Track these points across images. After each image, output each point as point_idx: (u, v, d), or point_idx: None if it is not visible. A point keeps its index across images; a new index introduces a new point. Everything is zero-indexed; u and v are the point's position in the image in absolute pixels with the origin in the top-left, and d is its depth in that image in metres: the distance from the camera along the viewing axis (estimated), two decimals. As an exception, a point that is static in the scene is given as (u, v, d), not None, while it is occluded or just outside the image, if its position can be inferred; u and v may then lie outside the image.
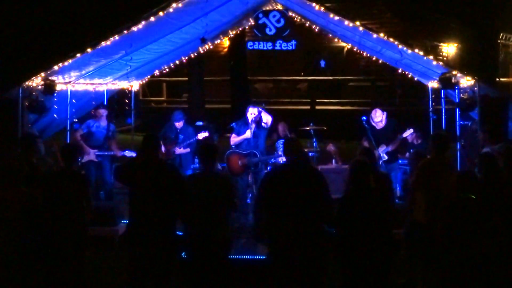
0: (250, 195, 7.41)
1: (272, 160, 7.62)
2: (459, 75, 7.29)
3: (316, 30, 8.80)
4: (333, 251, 4.36)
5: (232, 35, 10.24)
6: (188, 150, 8.08)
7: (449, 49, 17.62)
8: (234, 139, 7.63)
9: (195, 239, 4.58)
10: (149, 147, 4.71)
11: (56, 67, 7.07)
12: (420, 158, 5.41)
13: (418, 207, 5.03)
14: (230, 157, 7.60)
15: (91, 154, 8.03)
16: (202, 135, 7.98)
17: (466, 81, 7.31)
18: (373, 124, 7.75)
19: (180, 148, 8.00)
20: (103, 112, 8.26)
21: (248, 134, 7.41)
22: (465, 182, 4.31)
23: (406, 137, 7.81)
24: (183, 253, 4.74)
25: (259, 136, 7.52)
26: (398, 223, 4.91)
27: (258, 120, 7.49)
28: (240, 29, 9.94)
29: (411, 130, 7.77)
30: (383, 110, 7.85)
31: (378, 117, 7.73)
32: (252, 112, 7.47)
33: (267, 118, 7.53)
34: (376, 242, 4.20)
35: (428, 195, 4.95)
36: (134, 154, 7.69)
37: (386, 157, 7.55)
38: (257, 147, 7.46)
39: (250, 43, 8.92)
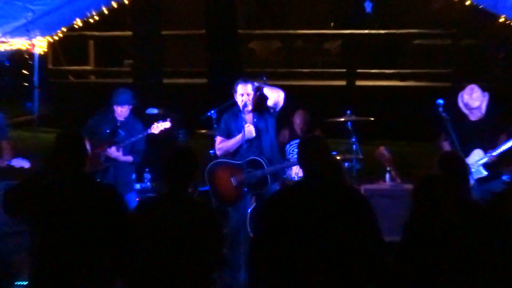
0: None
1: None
2: None
3: None
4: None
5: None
6: (130, 158, 8.08)
7: None
8: (223, 144, 7.52)
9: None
10: (68, 154, 4.70)
11: None
12: None
13: None
14: (216, 172, 7.52)
15: (-41, 166, 8.05)
16: (159, 127, 7.96)
17: None
18: (465, 111, 7.72)
19: (118, 151, 7.99)
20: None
21: (251, 131, 7.29)
22: None
23: None
24: None
25: (264, 131, 7.41)
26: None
27: (259, 104, 7.40)
28: None
29: None
30: (483, 89, 7.80)
31: (476, 101, 7.66)
32: (243, 92, 7.39)
33: (275, 96, 7.40)
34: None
35: None
36: (27, 165, 7.68)
37: (484, 173, 7.53)
38: (261, 151, 7.44)
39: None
